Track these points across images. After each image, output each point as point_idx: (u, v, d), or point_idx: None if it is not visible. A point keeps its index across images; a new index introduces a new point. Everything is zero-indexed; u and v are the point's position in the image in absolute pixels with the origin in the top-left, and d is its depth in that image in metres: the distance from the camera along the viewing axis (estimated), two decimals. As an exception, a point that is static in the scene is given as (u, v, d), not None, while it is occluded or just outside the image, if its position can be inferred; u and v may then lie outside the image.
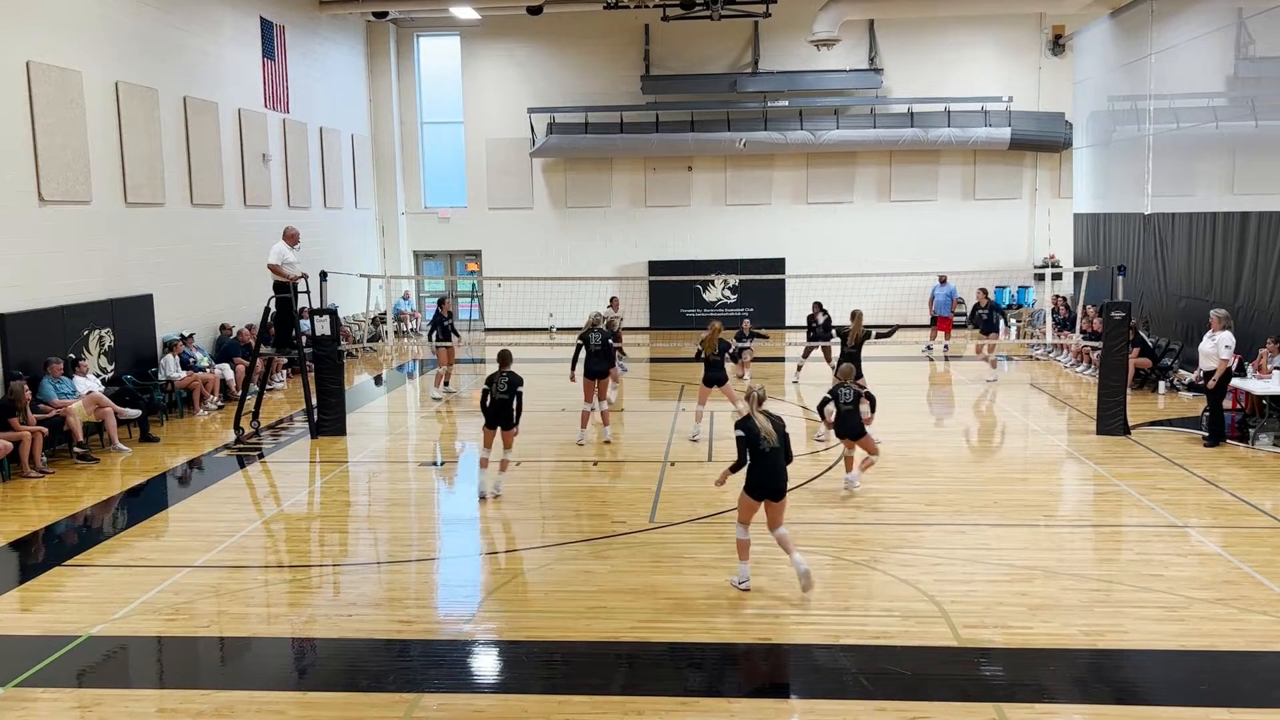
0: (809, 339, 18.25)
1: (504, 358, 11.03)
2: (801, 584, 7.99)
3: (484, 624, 7.72)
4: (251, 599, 8.29)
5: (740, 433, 7.97)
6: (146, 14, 16.67)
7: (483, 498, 10.98)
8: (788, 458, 8.12)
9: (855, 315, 13.89)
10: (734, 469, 8.15)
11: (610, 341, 14.11)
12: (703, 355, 13.69)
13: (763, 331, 19.06)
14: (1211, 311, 13.31)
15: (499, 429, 10.97)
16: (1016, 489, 11.13)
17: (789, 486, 8.27)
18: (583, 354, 13.75)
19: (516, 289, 24.75)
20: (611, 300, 19.61)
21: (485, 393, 10.93)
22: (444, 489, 12.07)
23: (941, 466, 12.19)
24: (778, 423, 8.06)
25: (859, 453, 11.00)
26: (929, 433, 14.70)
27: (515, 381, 10.87)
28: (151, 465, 12.90)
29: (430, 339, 17.53)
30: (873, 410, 11.92)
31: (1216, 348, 12.87)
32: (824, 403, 11.09)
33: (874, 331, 14.56)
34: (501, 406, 10.82)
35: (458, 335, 17.79)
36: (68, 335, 14.30)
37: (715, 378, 13.71)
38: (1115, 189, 21.20)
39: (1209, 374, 12.95)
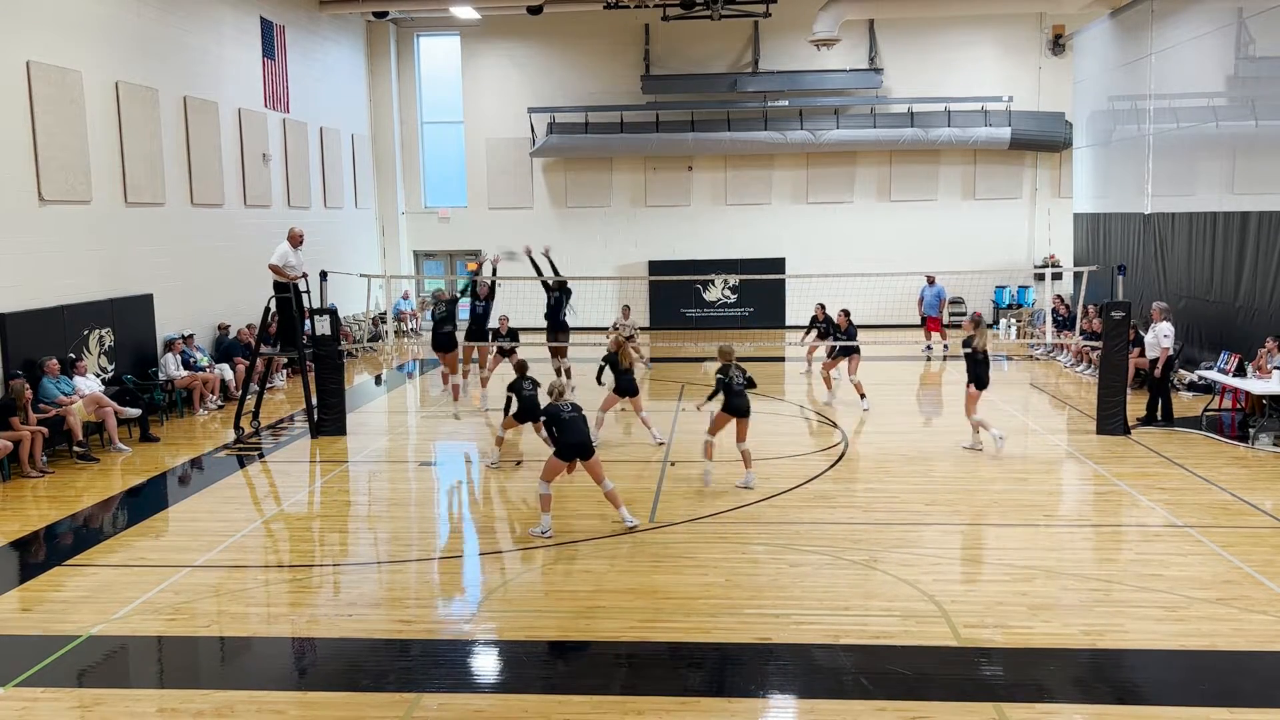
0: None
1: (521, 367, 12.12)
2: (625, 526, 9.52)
3: (484, 624, 7.72)
4: (251, 599, 8.29)
5: (544, 417, 9.79)
6: (146, 14, 16.67)
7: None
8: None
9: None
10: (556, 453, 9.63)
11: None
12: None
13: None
14: (1154, 304, 14.86)
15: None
16: (1016, 489, 11.13)
17: None
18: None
19: (516, 289, 24.72)
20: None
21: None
22: (443, 489, 12.06)
23: (941, 466, 12.18)
24: (576, 406, 9.74)
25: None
26: (928, 433, 14.70)
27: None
28: (151, 465, 12.91)
29: None
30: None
31: (1156, 338, 14.19)
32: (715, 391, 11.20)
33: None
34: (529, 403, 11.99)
35: None
36: (68, 335, 14.30)
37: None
38: (1115, 189, 21.19)
39: (1154, 362, 14.16)
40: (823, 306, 17.59)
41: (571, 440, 9.54)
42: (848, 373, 15.91)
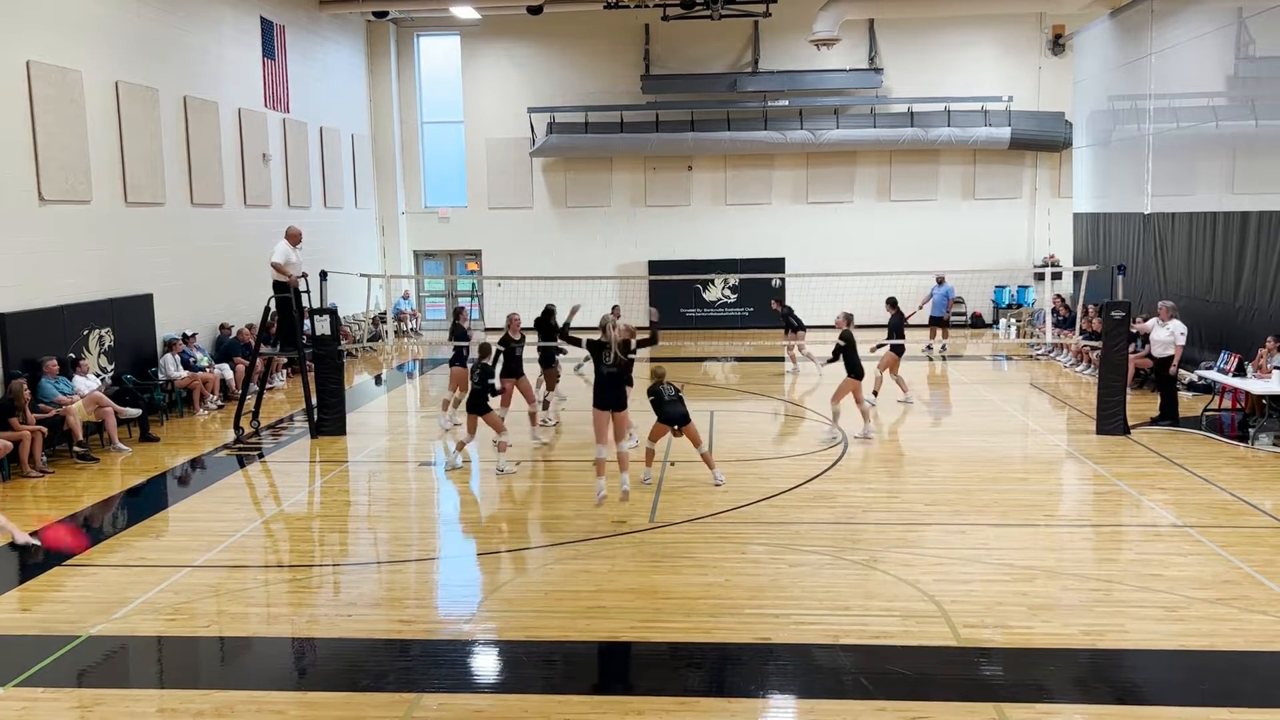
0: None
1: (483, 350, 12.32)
2: (619, 497, 10.15)
3: (484, 624, 7.72)
4: (251, 599, 8.29)
5: (587, 352, 10.22)
6: (146, 14, 16.67)
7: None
8: (628, 380, 10.55)
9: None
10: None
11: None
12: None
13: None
14: (1160, 303, 14.78)
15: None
16: (1016, 489, 11.13)
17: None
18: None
19: (516, 289, 24.73)
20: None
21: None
22: (444, 489, 12.06)
23: (941, 466, 12.18)
24: (624, 346, 10.07)
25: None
26: (929, 433, 14.70)
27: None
28: (151, 465, 12.90)
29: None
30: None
31: (1172, 335, 14.17)
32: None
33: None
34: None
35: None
36: (68, 335, 14.30)
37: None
38: (1115, 189, 21.19)
39: (1164, 360, 14.23)
40: (777, 301, 19.76)
41: (603, 391, 10.23)
42: (878, 368, 15.94)
